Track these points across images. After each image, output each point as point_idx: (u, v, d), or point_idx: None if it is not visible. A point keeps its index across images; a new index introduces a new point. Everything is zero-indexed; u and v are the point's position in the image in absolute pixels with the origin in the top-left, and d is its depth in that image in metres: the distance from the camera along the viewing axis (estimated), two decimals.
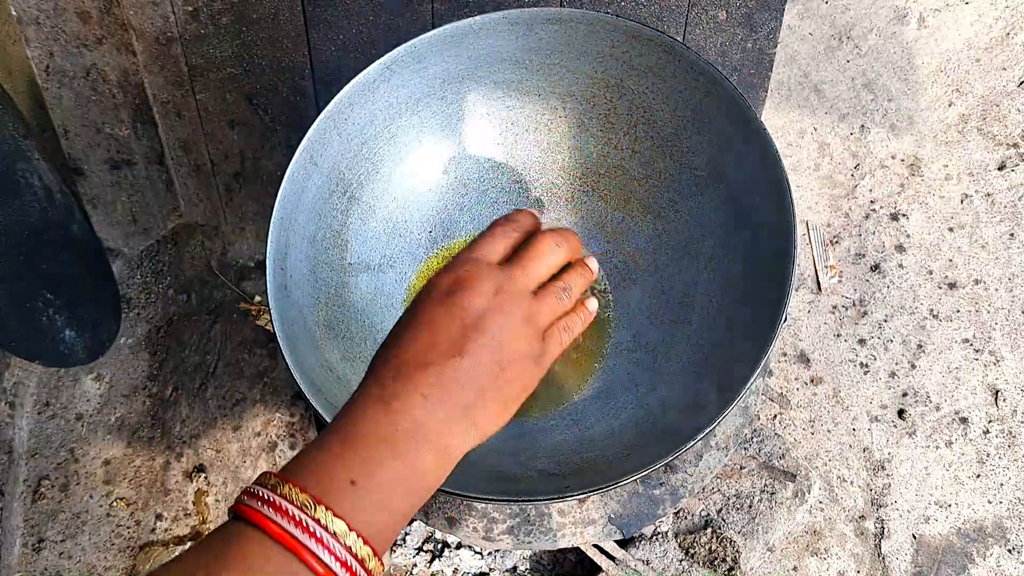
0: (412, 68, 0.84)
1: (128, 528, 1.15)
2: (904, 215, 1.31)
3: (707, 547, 1.06)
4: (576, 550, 1.07)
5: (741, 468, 1.11)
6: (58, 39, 1.04)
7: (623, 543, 1.05)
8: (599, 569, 1.02)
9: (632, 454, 0.75)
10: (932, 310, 1.25)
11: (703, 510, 1.09)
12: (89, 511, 1.16)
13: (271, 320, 0.72)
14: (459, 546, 1.09)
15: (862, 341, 1.24)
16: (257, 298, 1.26)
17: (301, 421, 1.20)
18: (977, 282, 1.27)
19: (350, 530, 0.41)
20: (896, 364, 1.22)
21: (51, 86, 1.07)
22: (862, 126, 1.35)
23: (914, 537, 1.13)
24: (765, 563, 1.10)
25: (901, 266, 1.28)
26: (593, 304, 0.60)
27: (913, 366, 1.22)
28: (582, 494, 0.67)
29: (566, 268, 0.59)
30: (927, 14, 1.37)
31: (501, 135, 0.93)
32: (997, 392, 1.20)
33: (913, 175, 1.33)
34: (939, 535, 1.13)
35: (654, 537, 1.06)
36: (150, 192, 1.19)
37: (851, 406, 1.20)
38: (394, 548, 1.11)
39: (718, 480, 1.10)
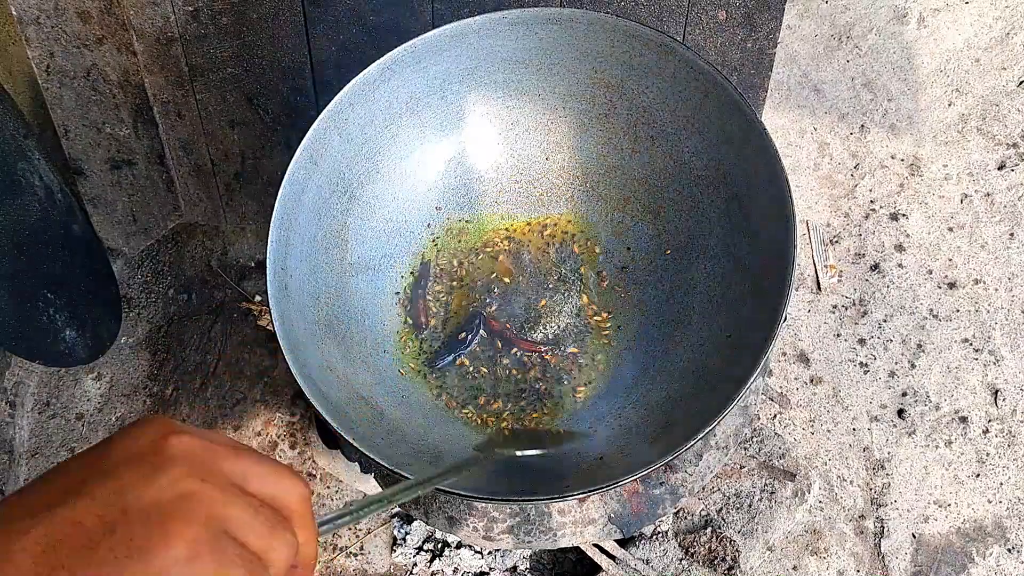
0: (412, 68, 0.84)
1: None
2: (904, 215, 1.31)
3: (707, 546, 1.06)
4: (576, 549, 1.07)
5: (741, 468, 1.11)
6: (59, 39, 1.04)
7: (623, 542, 1.05)
8: (599, 568, 1.02)
9: (632, 454, 0.75)
10: (932, 310, 1.25)
11: (703, 510, 1.09)
12: None
13: (271, 320, 0.72)
14: (459, 545, 1.09)
15: (862, 341, 1.24)
16: (258, 298, 1.27)
17: (301, 421, 1.20)
18: (977, 282, 1.27)
19: None
20: (896, 364, 1.22)
21: (52, 86, 1.07)
22: (862, 126, 1.35)
23: (914, 536, 1.13)
24: (765, 562, 1.10)
25: (901, 266, 1.28)
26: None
27: (913, 366, 1.22)
28: (582, 494, 0.67)
29: None
30: (927, 14, 1.37)
31: (501, 135, 0.93)
32: (997, 392, 1.20)
33: (913, 175, 1.33)
34: (939, 534, 1.13)
35: (654, 536, 1.06)
36: (150, 192, 1.20)
37: (851, 406, 1.20)
38: (394, 547, 1.11)
39: (718, 480, 1.10)
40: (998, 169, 1.33)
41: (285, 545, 0.34)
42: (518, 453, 0.75)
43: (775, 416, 1.19)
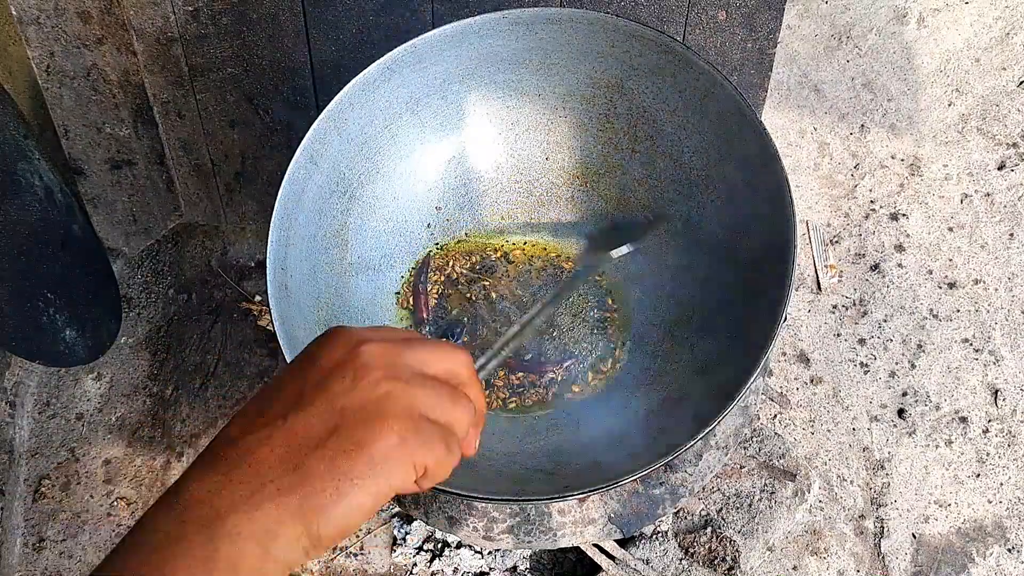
0: (412, 68, 0.84)
1: (129, 527, 1.15)
2: (904, 215, 1.31)
3: (707, 546, 1.06)
4: (576, 549, 1.07)
5: (741, 468, 1.11)
6: (59, 39, 1.04)
7: (623, 542, 1.05)
8: (599, 568, 1.02)
9: (632, 454, 0.75)
10: (932, 310, 1.25)
11: (703, 510, 1.09)
12: (90, 511, 1.16)
13: (271, 320, 0.72)
14: (459, 545, 1.09)
15: (862, 341, 1.24)
16: (258, 298, 1.27)
17: None
18: (977, 282, 1.27)
19: None
20: (896, 364, 1.22)
21: (52, 86, 1.07)
22: (862, 126, 1.35)
23: (914, 536, 1.13)
24: (765, 562, 1.10)
25: (901, 266, 1.28)
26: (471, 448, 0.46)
27: (913, 366, 1.22)
28: (582, 494, 0.67)
29: None
30: (927, 14, 1.37)
31: (501, 135, 0.93)
32: (997, 392, 1.20)
33: (913, 175, 1.33)
34: (939, 534, 1.13)
35: (654, 536, 1.06)
36: (151, 192, 1.20)
37: (851, 406, 1.20)
38: (394, 547, 1.11)
39: (718, 480, 1.10)
40: (998, 169, 1.33)
41: (465, 411, 0.42)
42: (614, 254, 0.83)
43: (775, 416, 1.19)
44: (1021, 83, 1.36)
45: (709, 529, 1.08)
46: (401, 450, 0.38)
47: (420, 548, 1.11)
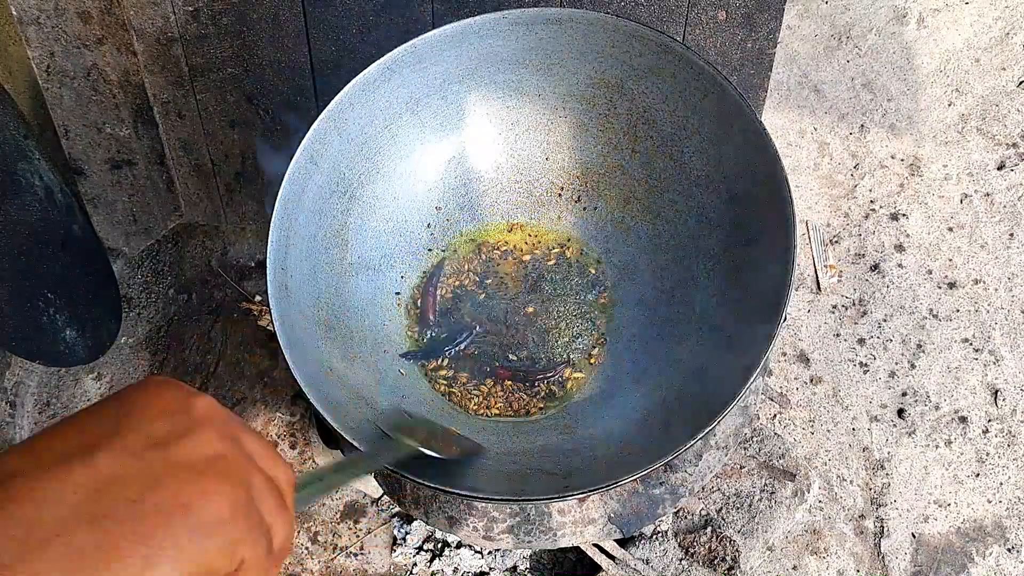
0: (412, 68, 0.84)
1: None
2: (904, 215, 1.31)
3: (707, 546, 1.06)
4: (576, 549, 1.07)
5: (741, 467, 1.11)
6: (59, 39, 1.04)
7: (623, 542, 1.05)
8: (599, 568, 1.02)
9: (632, 454, 0.75)
10: (932, 310, 1.25)
11: (703, 509, 1.09)
12: None
13: (271, 320, 0.72)
14: (459, 545, 1.09)
15: (862, 341, 1.24)
16: (258, 298, 1.27)
17: (301, 421, 1.20)
18: (977, 282, 1.27)
19: None
20: (896, 364, 1.22)
21: (52, 86, 1.07)
22: (862, 126, 1.35)
23: (913, 536, 1.13)
24: (765, 562, 1.10)
25: (901, 266, 1.28)
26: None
27: (913, 366, 1.22)
28: (582, 494, 0.67)
29: None
30: (927, 14, 1.37)
31: (501, 135, 0.93)
32: (996, 391, 1.20)
33: (913, 175, 1.33)
34: (938, 534, 1.13)
35: (654, 536, 1.06)
36: (151, 192, 1.20)
37: (851, 406, 1.20)
38: (395, 547, 1.11)
39: (718, 479, 1.10)
40: (998, 169, 1.33)
41: (288, 523, 0.35)
42: (428, 452, 0.69)
43: (775, 416, 1.19)
44: (1021, 83, 1.36)
45: (709, 529, 1.08)
46: (229, 527, 0.31)
47: (420, 548, 1.11)
